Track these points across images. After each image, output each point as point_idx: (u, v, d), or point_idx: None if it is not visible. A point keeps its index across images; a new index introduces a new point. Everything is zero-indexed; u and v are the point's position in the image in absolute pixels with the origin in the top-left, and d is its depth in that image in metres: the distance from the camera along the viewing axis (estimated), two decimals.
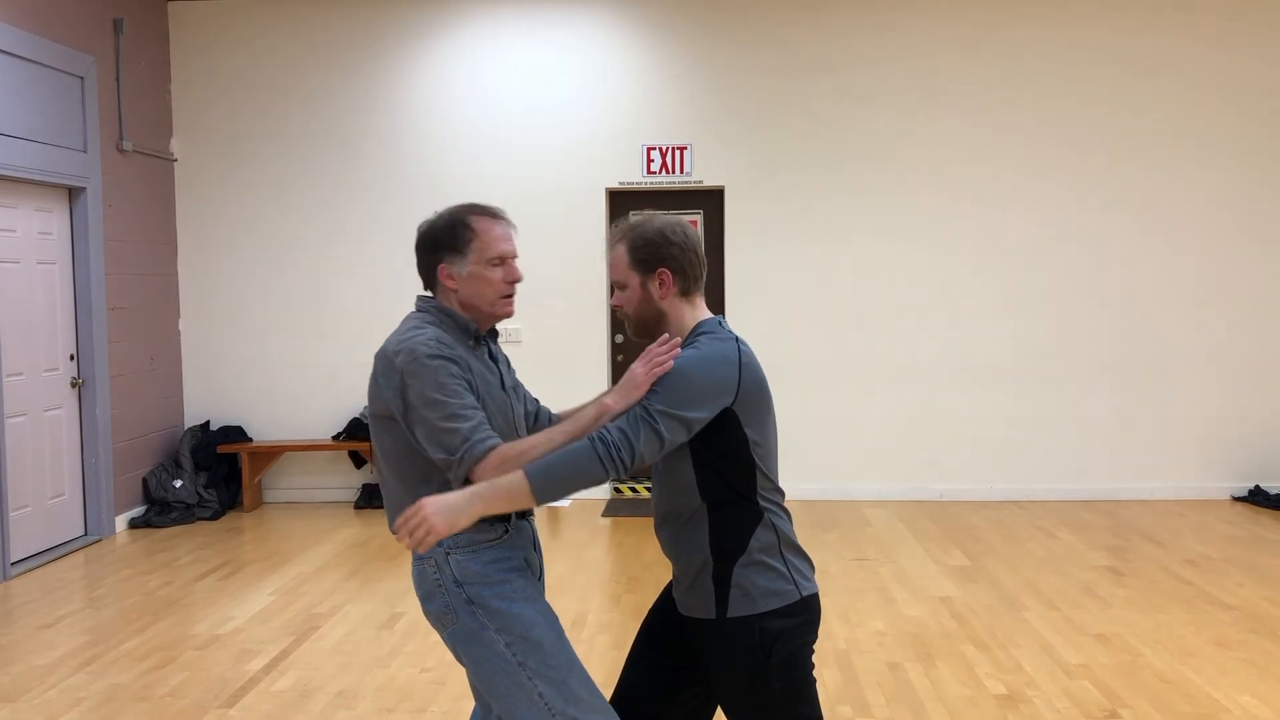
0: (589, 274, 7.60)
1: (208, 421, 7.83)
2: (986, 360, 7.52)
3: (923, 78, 7.47)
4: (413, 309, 2.49)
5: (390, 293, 7.72)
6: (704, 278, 2.42)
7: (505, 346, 7.64)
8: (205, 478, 7.46)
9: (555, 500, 2.22)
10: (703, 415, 2.22)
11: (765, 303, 7.60)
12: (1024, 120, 7.45)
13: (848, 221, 7.53)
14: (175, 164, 7.82)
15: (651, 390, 2.23)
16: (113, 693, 4.20)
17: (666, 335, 2.30)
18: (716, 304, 7.66)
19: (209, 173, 7.81)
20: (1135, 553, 6.09)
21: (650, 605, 2.55)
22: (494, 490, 2.17)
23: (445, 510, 2.13)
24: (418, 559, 2.37)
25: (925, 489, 7.50)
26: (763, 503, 2.30)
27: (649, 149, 7.61)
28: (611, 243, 2.43)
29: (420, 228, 2.48)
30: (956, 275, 7.52)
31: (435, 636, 4.78)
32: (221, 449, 7.58)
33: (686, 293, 2.39)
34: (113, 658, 4.60)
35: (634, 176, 7.63)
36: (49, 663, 4.55)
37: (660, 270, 2.35)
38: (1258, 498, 7.28)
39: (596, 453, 2.17)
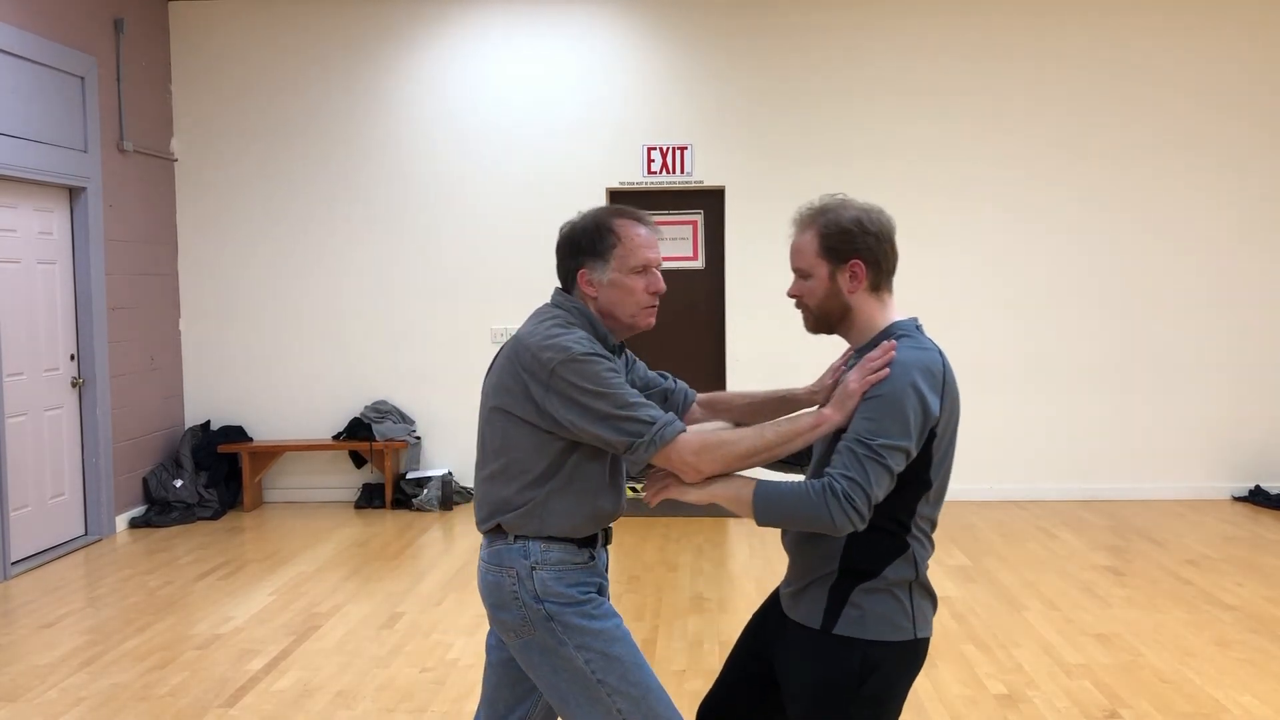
0: None
1: (208, 421, 7.83)
2: (987, 360, 7.52)
3: (924, 79, 7.47)
4: (548, 302, 2.41)
5: (391, 292, 7.72)
6: (895, 271, 2.22)
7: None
8: (205, 477, 7.46)
9: (773, 527, 2.15)
10: (920, 443, 2.07)
11: (765, 302, 7.58)
12: (1025, 122, 7.45)
13: None
14: (175, 164, 7.82)
15: (865, 418, 2.06)
16: (113, 692, 4.20)
17: (890, 344, 2.11)
18: (717, 303, 7.67)
19: (209, 173, 7.81)
20: (1135, 553, 6.09)
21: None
22: (726, 487, 2.17)
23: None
24: (495, 565, 2.31)
25: None
26: (914, 531, 2.14)
27: (649, 149, 7.61)
28: (799, 227, 2.25)
29: (563, 229, 2.40)
30: (957, 276, 7.52)
31: (435, 636, 4.79)
32: (222, 449, 7.58)
33: (877, 288, 2.20)
34: (113, 657, 4.60)
35: (634, 176, 7.63)
36: (49, 662, 4.55)
37: (853, 261, 2.17)
38: (1258, 498, 7.28)
39: (829, 506, 2.01)
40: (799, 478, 2.20)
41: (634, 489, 7.83)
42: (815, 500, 2.02)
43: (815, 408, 2.21)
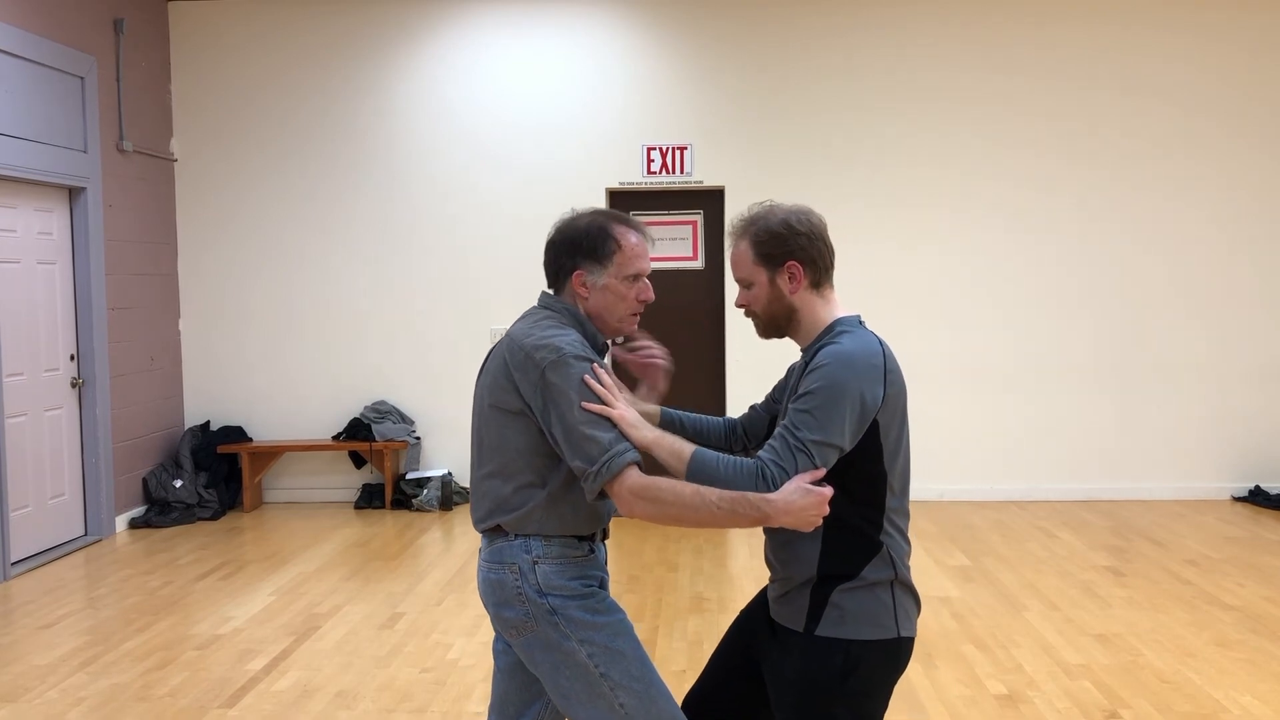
0: None
1: (208, 421, 7.83)
2: (987, 361, 7.52)
3: (924, 82, 7.47)
4: (536, 304, 2.43)
5: (391, 292, 7.73)
6: (834, 267, 2.27)
7: None
8: (205, 478, 7.46)
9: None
10: (856, 438, 2.10)
11: None
12: (1024, 124, 7.44)
13: (847, 223, 7.51)
14: (175, 164, 7.82)
15: (803, 410, 2.07)
16: (113, 693, 4.20)
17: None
18: (716, 303, 7.67)
19: (209, 173, 7.81)
20: (1135, 553, 6.09)
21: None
22: (665, 442, 2.17)
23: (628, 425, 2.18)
24: (497, 563, 2.31)
25: (925, 489, 7.49)
26: (886, 527, 2.17)
27: (649, 149, 7.60)
28: (734, 239, 2.31)
29: (558, 225, 2.43)
30: (956, 277, 7.52)
31: (435, 637, 4.79)
32: (221, 449, 7.58)
33: (818, 285, 2.25)
34: (113, 658, 4.60)
35: (634, 176, 7.63)
36: (49, 663, 4.55)
37: (789, 263, 2.23)
38: (1258, 498, 7.28)
39: (758, 491, 2.04)
40: None
41: None
42: (747, 481, 2.05)
43: (767, 496, 2.05)
